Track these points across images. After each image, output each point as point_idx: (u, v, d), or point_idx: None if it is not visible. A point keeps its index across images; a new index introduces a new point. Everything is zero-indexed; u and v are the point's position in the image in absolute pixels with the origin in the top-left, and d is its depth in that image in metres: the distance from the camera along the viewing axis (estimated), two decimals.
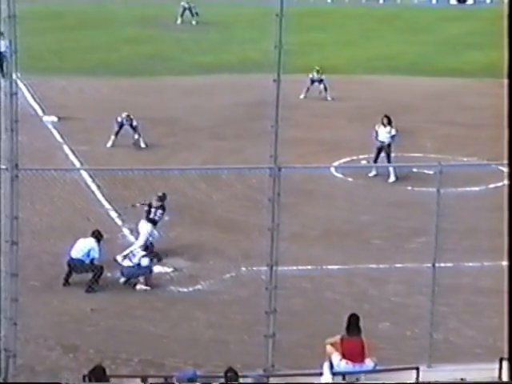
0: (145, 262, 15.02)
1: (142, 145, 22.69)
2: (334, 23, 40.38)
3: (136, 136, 22.61)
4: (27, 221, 13.75)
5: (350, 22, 40.53)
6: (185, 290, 14.91)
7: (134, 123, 22.66)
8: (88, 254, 14.84)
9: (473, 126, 24.83)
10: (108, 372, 10.26)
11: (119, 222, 17.35)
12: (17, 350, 11.24)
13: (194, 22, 40.25)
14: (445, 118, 26.38)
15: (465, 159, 21.47)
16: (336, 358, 11.13)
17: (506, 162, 10.70)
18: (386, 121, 21.18)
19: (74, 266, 14.79)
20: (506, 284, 10.00)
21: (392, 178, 20.62)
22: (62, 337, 13.05)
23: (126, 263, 15.05)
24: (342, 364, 11.11)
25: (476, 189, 19.30)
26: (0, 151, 11.02)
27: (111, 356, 12.49)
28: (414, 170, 20.19)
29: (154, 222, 16.20)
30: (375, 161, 20.98)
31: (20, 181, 10.89)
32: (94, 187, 18.69)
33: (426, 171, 18.97)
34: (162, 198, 16.43)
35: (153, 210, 16.25)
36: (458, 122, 25.76)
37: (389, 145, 20.98)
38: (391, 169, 20.68)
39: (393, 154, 21.12)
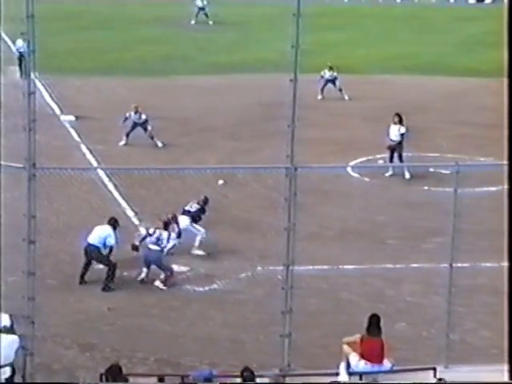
0: (173, 237, 15.14)
1: (159, 144, 22.70)
2: (351, 22, 40.35)
3: (149, 127, 22.55)
4: (44, 220, 13.79)
5: (366, 22, 40.48)
6: (201, 289, 14.93)
7: (144, 116, 22.64)
8: (104, 243, 14.87)
9: (490, 126, 24.69)
10: (124, 371, 10.29)
11: (136, 222, 17.40)
12: (34, 349, 11.29)
13: (210, 22, 40.23)
14: (461, 118, 26.29)
15: (482, 159, 21.38)
16: (354, 358, 11.09)
17: (505, 162, 10.64)
18: (397, 119, 21.15)
19: (91, 252, 14.80)
20: (506, 285, 9.97)
21: (407, 175, 20.58)
22: (78, 335, 13.10)
23: (154, 247, 15.09)
24: (360, 364, 11.08)
25: (493, 189, 19.19)
26: (16, 150, 11.09)
27: (127, 355, 12.53)
28: (431, 169, 20.14)
29: (191, 216, 16.22)
30: (390, 160, 20.94)
31: (37, 180, 10.93)
32: (110, 186, 18.75)
33: (442, 171, 18.93)
34: (204, 201, 16.53)
35: (189, 203, 16.34)
36: (474, 122, 25.67)
37: (400, 143, 20.91)
38: (404, 167, 20.68)
39: (409, 154, 21.07)
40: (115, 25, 39.08)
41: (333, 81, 28.34)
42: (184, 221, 16.20)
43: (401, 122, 21.13)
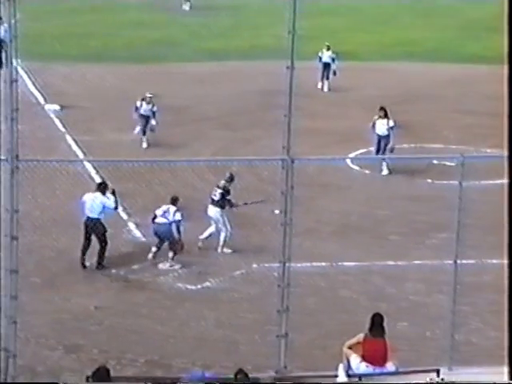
0: (178, 216, 15.48)
1: (144, 144, 22.09)
2: (350, 7, 40.30)
3: (154, 122, 22.15)
4: (28, 214, 13.80)
5: (366, 6, 40.44)
6: (193, 287, 14.94)
7: (155, 108, 22.25)
8: (102, 211, 15.47)
9: (497, 115, 24.56)
10: (112, 373, 10.29)
11: (125, 216, 17.37)
12: (17, 350, 11.26)
13: (186, 8, 39.92)
14: (467, 106, 26.30)
15: (488, 150, 21.40)
16: (355, 359, 11.08)
17: (506, 154, 10.64)
18: (382, 113, 20.95)
19: (93, 225, 15.34)
20: (507, 283, 9.98)
21: (385, 171, 20.48)
22: (64, 336, 13.10)
23: (160, 220, 15.49)
24: (361, 366, 11.07)
25: (500, 182, 19.18)
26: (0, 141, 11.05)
27: (116, 356, 12.53)
28: (435, 161, 20.13)
29: (218, 205, 16.30)
30: (377, 153, 20.61)
31: (21, 172, 10.90)
32: (98, 179, 18.70)
33: (447, 163, 18.92)
34: (229, 178, 16.57)
35: (214, 189, 16.46)
36: (481, 111, 25.67)
37: (387, 136, 20.80)
38: (384, 162, 20.47)
39: (412, 145, 21.06)
40: (102, 8, 38.98)
41: (329, 64, 28.03)
42: (212, 211, 16.31)
43: (386, 115, 20.98)
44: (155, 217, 15.68)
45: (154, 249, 15.68)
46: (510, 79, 10.24)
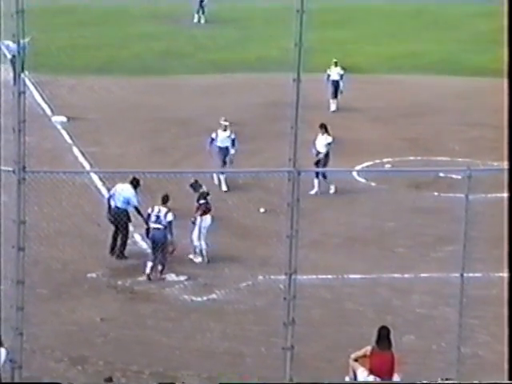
0: (170, 217, 15.65)
1: (224, 187, 19.80)
2: (357, 19, 40.38)
3: (233, 151, 20.67)
4: (34, 225, 13.80)
5: (373, 18, 40.52)
6: (199, 299, 14.94)
7: (233, 136, 20.84)
8: (128, 202, 16.16)
9: (503, 128, 24.67)
10: None
11: (130, 228, 17.38)
12: (22, 362, 11.26)
13: (202, 21, 39.84)
14: (474, 119, 26.30)
15: (495, 163, 21.38)
16: (362, 373, 11.07)
17: (506, 166, 10.63)
18: (322, 130, 20.40)
19: (119, 214, 16.07)
20: (507, 295, 9.96)
21: (332, 190, 19.89)
22: (69, 348, 13.10)
23: (155, 226, 15.66)
24: (369, 380, 11.05)
25: (507, 195, 19.17)
26: (2, 152, 11.09)
27: (121, 368, 12.53)
28: (441, 174, 20.14)
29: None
30: (317, 175, 19.78)
31: (27, 183, 10.92)
32: (104, 191, 18.75)
33: (453, 176, 18.94)
34: (196, 185, 16.80)
35: (206, 198, 16.65)
36: (487, 123, 25.64)
37: (326, 154, 20.26)
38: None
39: (418, 157, 21.04)
40: (110, 21, 39.14)
41: (338, 82, 27.57)
42: (210, 219, 16.49)
43: (327, 131, 20.49)
44: (149, 216, 15.75)
45: (149, 264, 15.50)
46: (510, 93, 10.24)
